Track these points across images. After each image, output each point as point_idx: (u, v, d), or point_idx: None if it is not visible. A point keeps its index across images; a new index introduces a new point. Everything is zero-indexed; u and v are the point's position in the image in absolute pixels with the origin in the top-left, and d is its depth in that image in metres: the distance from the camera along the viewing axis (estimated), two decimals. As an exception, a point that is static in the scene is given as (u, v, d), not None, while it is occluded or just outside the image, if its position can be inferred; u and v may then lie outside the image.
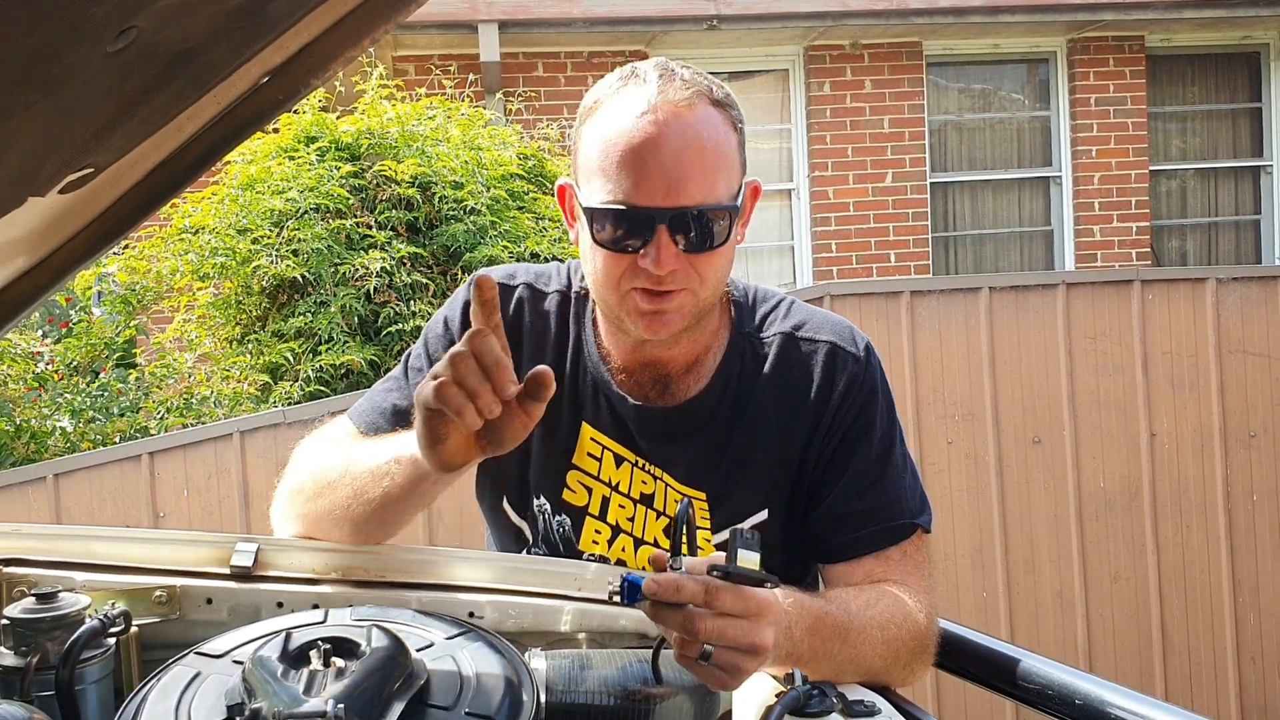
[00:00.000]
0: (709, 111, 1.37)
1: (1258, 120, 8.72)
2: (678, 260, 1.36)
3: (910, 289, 4.09)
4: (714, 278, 1.41)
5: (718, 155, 1.37)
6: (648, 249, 1.35)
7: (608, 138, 1.36)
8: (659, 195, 1.33)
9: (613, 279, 1.40)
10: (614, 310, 1.44)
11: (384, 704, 0.99)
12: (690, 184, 1.34)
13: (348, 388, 4.45)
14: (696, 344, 1.52)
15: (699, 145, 1.35)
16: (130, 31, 0.82)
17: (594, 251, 1.40)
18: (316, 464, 1.47)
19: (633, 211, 1.35)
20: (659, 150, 1.33)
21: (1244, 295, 4.23)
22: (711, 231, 1.36)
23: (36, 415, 4.72)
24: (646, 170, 1.33)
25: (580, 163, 1.42)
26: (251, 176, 4.83)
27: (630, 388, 1.53)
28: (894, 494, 1.49)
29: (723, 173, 1.37)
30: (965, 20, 7.91)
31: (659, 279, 1.36)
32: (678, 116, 1.34)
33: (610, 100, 1.39)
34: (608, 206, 1.36)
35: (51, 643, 1.18)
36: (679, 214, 1.34)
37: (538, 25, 7.50)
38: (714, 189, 1.36)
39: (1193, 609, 4.26)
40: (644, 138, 1.33)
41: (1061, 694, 1.40)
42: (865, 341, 1.55)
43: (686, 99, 1.35)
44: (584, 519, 1.56)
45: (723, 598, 1.08)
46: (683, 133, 1.34)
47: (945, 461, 4.07)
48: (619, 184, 1.35)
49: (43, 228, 1.13)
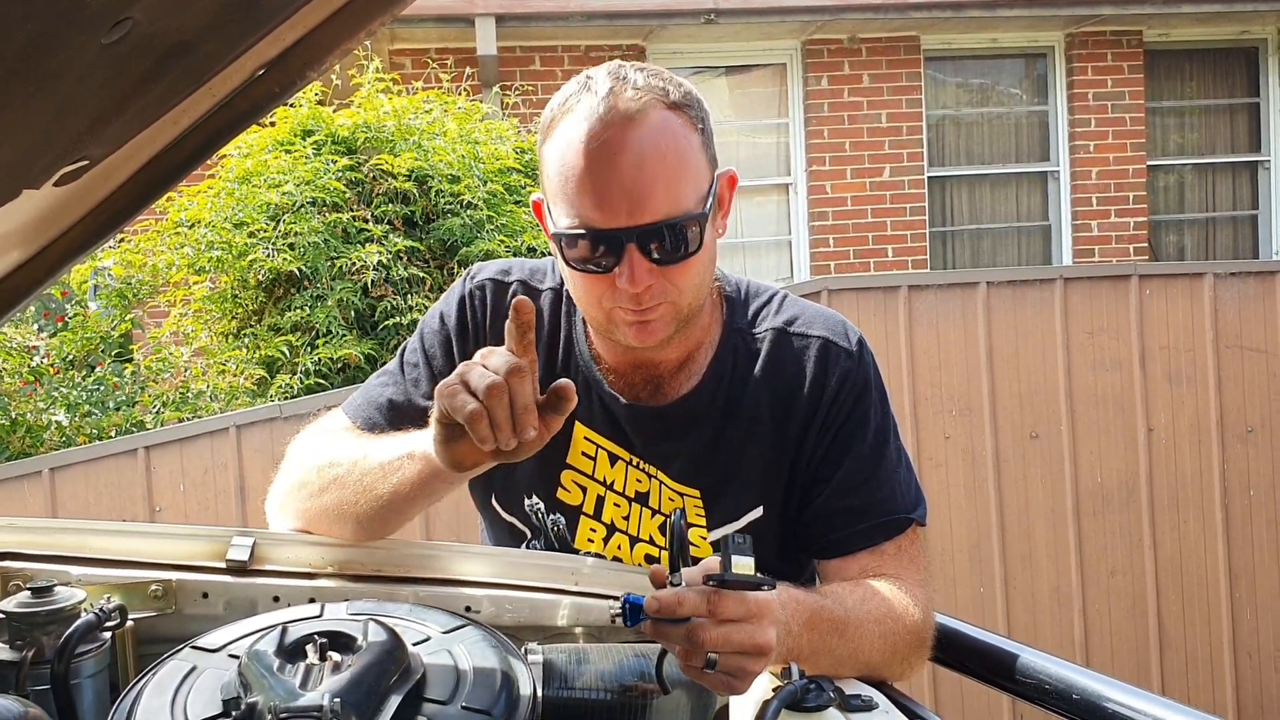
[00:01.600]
0: (665, 116, 1.31)
1: (1255, 115, 8.72)
2: (652, 275, 1.33)
3: (908, 284, 4.09)
4: (692, 284, 1.38)
5: (679, 162, 1.32)
6: (620, 268, 1.32)
7: (565, 160, 1.32)
8: (622, 215, 1.29)
9: (594, 299, 1.38)
10: (602, 325, 1.43)
11: (380, 698, 0.99)
12: (653, 199, 1.29)
13: (344, 382, 4.45)
14: (687, 342, 1.51)
15: (658, 156, 1.30)
16: (125, 23, 0.82)
17: (571, 274, 1.39)
18: (320, 459, 1.46)
19: (597, 234, 1.31)
20: (616, 168, 1.28)
21: (1241, 290, 4.23)
22: (684, 241, 1.32)
23: (32, 409, 4.71)
24: (606, 190, 1.29)
25: (544, 185, 1.39)
26: (248, 170, 4.83)
27: (622, 388, 1.52)
28: (888, 489, 1.49)
29: (687, 179, 1.33)
30: (963, 15, 7.90)
31: (638, 299, 1.34)
32: (631, 129, 1.29)
33: (564, 119, 1.34)
34: (572, 232, 1.32)
35: (47, 637, 1.18)
36: (645, 231, 1.30)
37: (535, 19, 7.48)
38: (679, 199, 1.31)
39: (1189, 603, 4.27)
40: (598, 157, 1.28)
41: (1059, 688, 1.40)
42: (858, 336, 1.54)
43: (639, 108, 1.30)
44: (579, 518, 1.55)
45: (724, 605, 1.08)
46: (638, 146, 1.29)
47: (943, 456, 4.08)
48: (580, 208, 1.31)
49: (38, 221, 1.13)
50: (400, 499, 1.34)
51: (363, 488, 1.36)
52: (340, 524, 1.41)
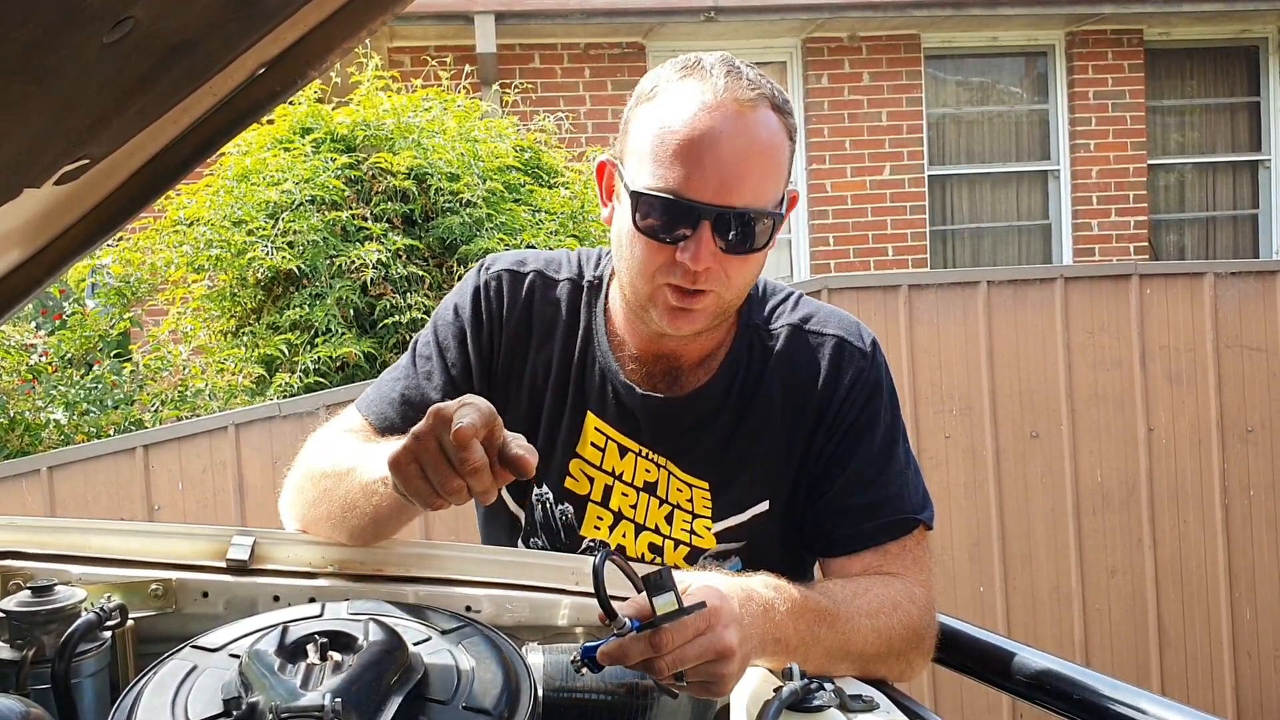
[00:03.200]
0: (770, 115, 1.36)
1: (1256, 114, 8.72)
2: (714, 259, 1.35)
3: (908, 283, 4.09)
4: (742, 282, 1.42)
5: (773, 160, 1.36)
6: (688, 244, 1.34)
7: (666, 125, 1.35)
8: (710, 191, 1.33)
9: (648, 270, 1.39)
10: (642, 300, 1.43)
11: (381, 698, 0.99)
12: (743, 185, 1.33)
13: (343, 380, 4.44)
14: (712, 340, 1.53)
15: (757, 148, 1.34)
16: (127, 22, 0.82)
17: (633, 237, 1.39)
18: (318, 466, 1.47)
19: (680, 203, 1.33)
20: (718, 146, 1.32)
21: (1242, 290, 4.23)
22: (754, 234, 1.36)
23: (30, 407, 4.71)
24: (702, 164, 1.32)
25: (631, 145, 1.41)
26: (247, 168, 4.82)
27: (639, 378, 1.53)
28: (896, 489, 1.50)
29: (775, 179, 1.37)
30: (964, 13, 7.89)
31: (693, 276, 1.36)
32: (740, 116, 1.33)
33: (670, 88, 1.37)
34: (656, 193, 1.35)
35: (48, 636, 1.18)
36: (725, 213, 1.33)
37: (534, 16, 7.48)
38: (764, 194, 1.36)
39: (1189, 603, 4.27)
40: (705, 131, 1.32)
41: (1058, 688, 1.40)
42: (871, 337, 1.56)
43: (751, 99, 1.35)
44: (586, 506, 1.56)
45: (666, 640, 1.09)
46: (744, 133, 1.33)
47: (943, 455, 4.07)
48: (671, 173, 1.34)
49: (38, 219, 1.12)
50: (382, 518, 1.36)
51: (347, 504, 1.38)
52: (335, 533, 1.44)
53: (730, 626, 1.14)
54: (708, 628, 1.12)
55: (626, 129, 1.44)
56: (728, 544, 1.53)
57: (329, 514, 1.41)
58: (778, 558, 1.51)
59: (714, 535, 1.53)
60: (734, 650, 1.13)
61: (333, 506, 1.40)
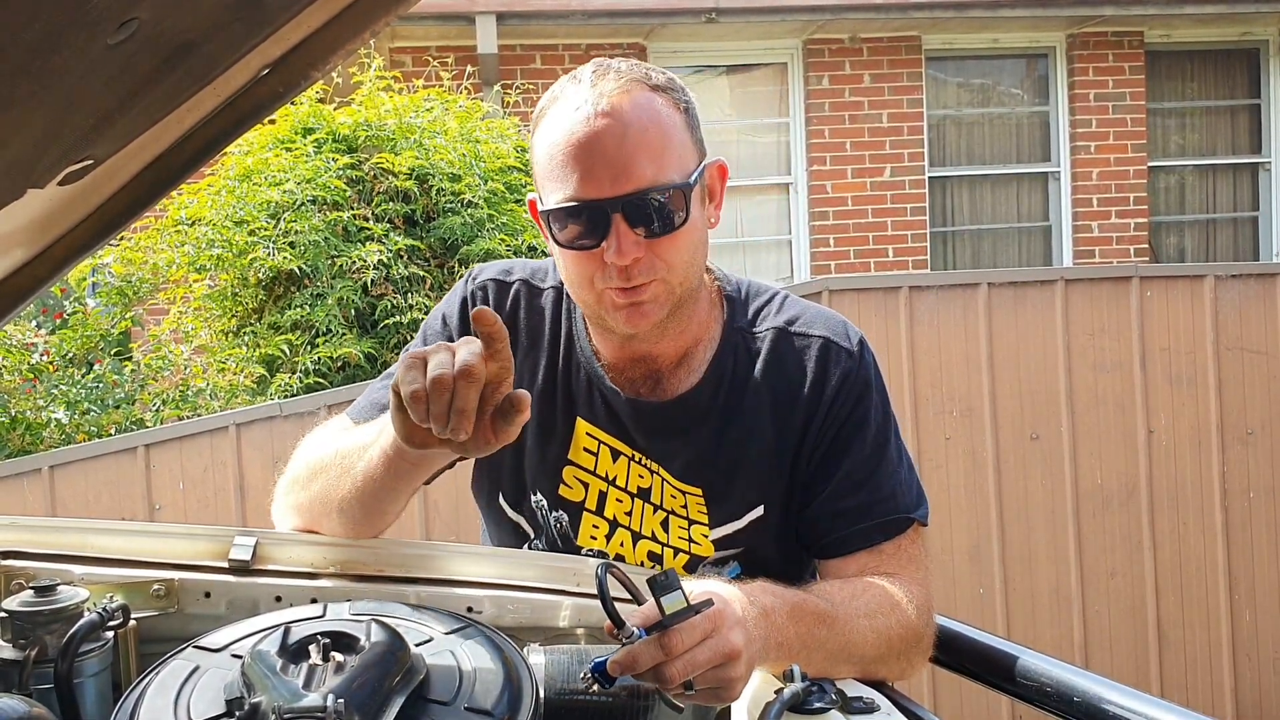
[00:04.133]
0: (647, 96, 1.38)
1: (1256, 116, 8.72)
2: (639, 248, 1.36)
3: (909, 284, 4.09)
4: (682, 262, 1.41)
5: (662, 136, 1.37)
6: (608, 241, 1.35)
7: (553, 141, 1.37)
8: (606, 185, 1.34)
9: (585, 280, 1.40)
10: (594, 310, 1.45)
11: (383, 699, 0.99)
12: (635, 168, 1.34)
13: (344, 380, 4.45)
14: (684, 335, 1.52)
15: (639, 129, 1.35)
16: (131, 23, 0.82)
17: (562, 256, 1.42)
18: (310, 454, 1.49)
19: (584, 206, 1.35)
20: (600, 141, 1.34)
21: (1242, 292, 4.23)
22: (668, 212, 1.36)
23: (31, 407, 4.71)
24: (591, 163, 1.34)
25: (535, 172, 1.44)
26: (248, 168, 4.82)
27: (622, 383, 1.53)
28: (889, 489, 1.50)
29: (670, 153, 1.37)
30: (965, 15, 7.89)
31: (626, 273, 1.36)
32: (614, 106, 1.35)
33: (552, 107, 1.40)
34: (561, 206, 1.37)
35: (50, 636, 1.18)
36: (629, 199, 1.34)
37: (536, 17, 7.48)
38: (662, 170, 1.36)
39: (1189, 606, 4.27)
40: (585, 133, 1.34)
41: (1058, 691, 1.40)
42: (859, 336, 1.55)
43: (620, 87, 1.36)
44: (581, 514, 1.55)
45: (675, 642, 1.09)
46: (621, 119, 1.34)
47: (943, 457, 4.07)
48: (567, 182, 1.36)
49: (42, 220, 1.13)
50: (374, 481, 1.35)
51: (341, 469, 1.38)
52: (326, 513, 1.43)
53: (736, 629, 1.14)
54: (714, 630, 1.12)
55: (531, 160, 1.46)
56: (726, 550, 1.53)
57: (324, 488, 1.41)
58: (776, 562, 1.51)
59: (712, 542, 1.52)
60: (741, 652, 1.13)
61: (328, 478, 1.40)
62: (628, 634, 1.09)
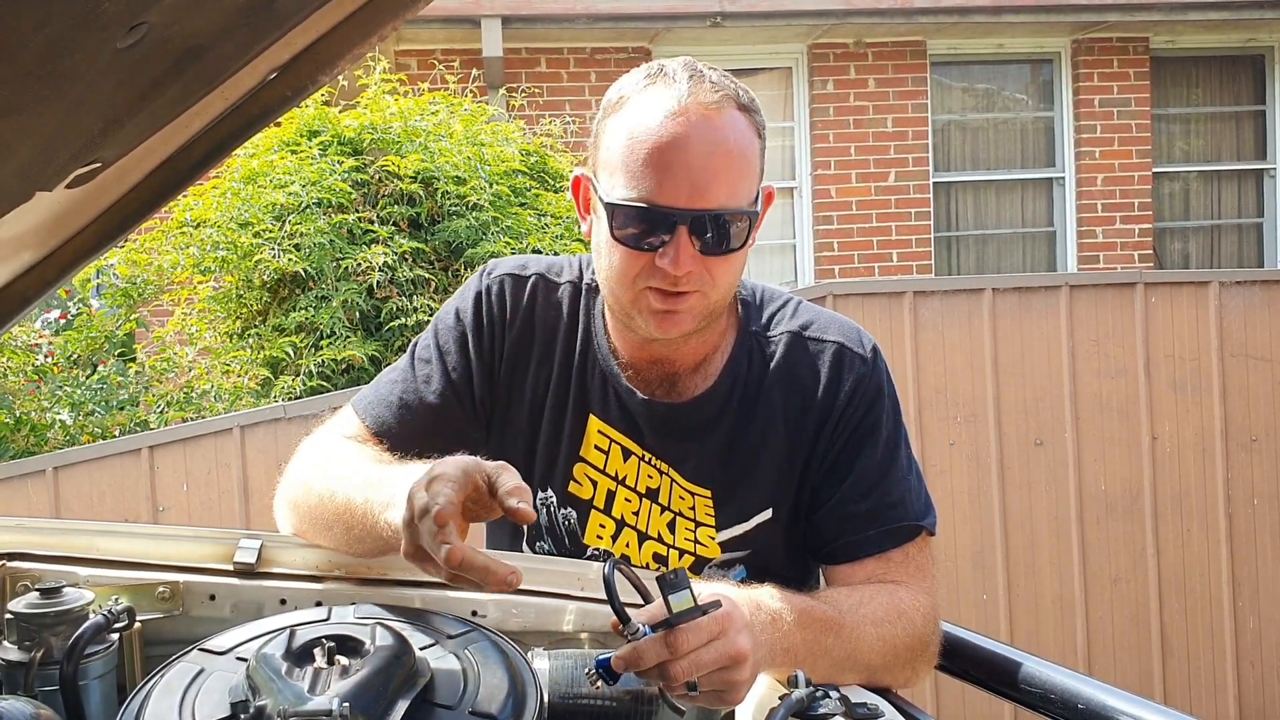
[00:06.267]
0: (736, 116, 1.38)
1: (1261, 123, 8.71)
2: (695, 262, 1.36)
3: (914, 289, 4.09)
4: (726, 281, 1.42)
5: (742, 160, 1.38)
6: (666, 249, 1.35)
7: (634, 134, 1.36)
8: (683, 196, 1.34)
9: (628, 277, 1.40)
10: (626, 308, 1.44)
11: (388, 702, 0.99)
12: (714, 187, 1.35)
13: (348, 383, 4.45)
14: (705, 344, 1.53)
15: (725, 149, 1.35)
16: (141, 27, 0.82)
17: (611, 247, 1.40)
18: (317, 485, 1.43)
19: (655, 211, 1.35)
20: (686, 152, 1.34)
21: (1247, 299, 4.22)
22: (730, 234, 1.37)
23: (36, 408, 4.72)
24: (672, 171, 1.34)
25: (602, 157, 1.42)
26: (253, 170, 4.83)
27: (638, 383, 1.54)
28: (898, 495, 1.50)
29: (746, 178, 1.39)
30: (969, 20, 7.90)
31: (675, 279, 1.36)
32: (706, 119, 1.35)
33: (637, 97, 1.39)
34: (630, 203, 1.36)
35: (55, 638, 1.18)
36: (700, 216, 1.34)
37: (541, 20, 7.49)
38: (737, 193, 1.37)
39: (1192, 612, 4.26)
40: (672, 138, 1.34)
41: (1062, 697, 1.40)
42: (872, 343, 1.55)
43: (716, 102, 1.36)
44: (589, 512, 1.56)
45: (682, 641, 1.09)
46: (710, 136, 1.34)
47: (947, 463, 4.07)
48: (643, 182, 1.35)
49: (50, 222, 1.13)
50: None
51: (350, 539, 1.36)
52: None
53: (743, 632, 1.15)
54: (721, 632, 1.12)
55: (597, 141, 1.45)
56: (732, 553, 1.53)
57: (330, 539, 1.40)
58: (782, 566, 1.51)
59: (718, 544, 1.52)
60: (748, 655, 1.14)
61: (334, 537, 1.38)
62: (633, 630, 1.10)
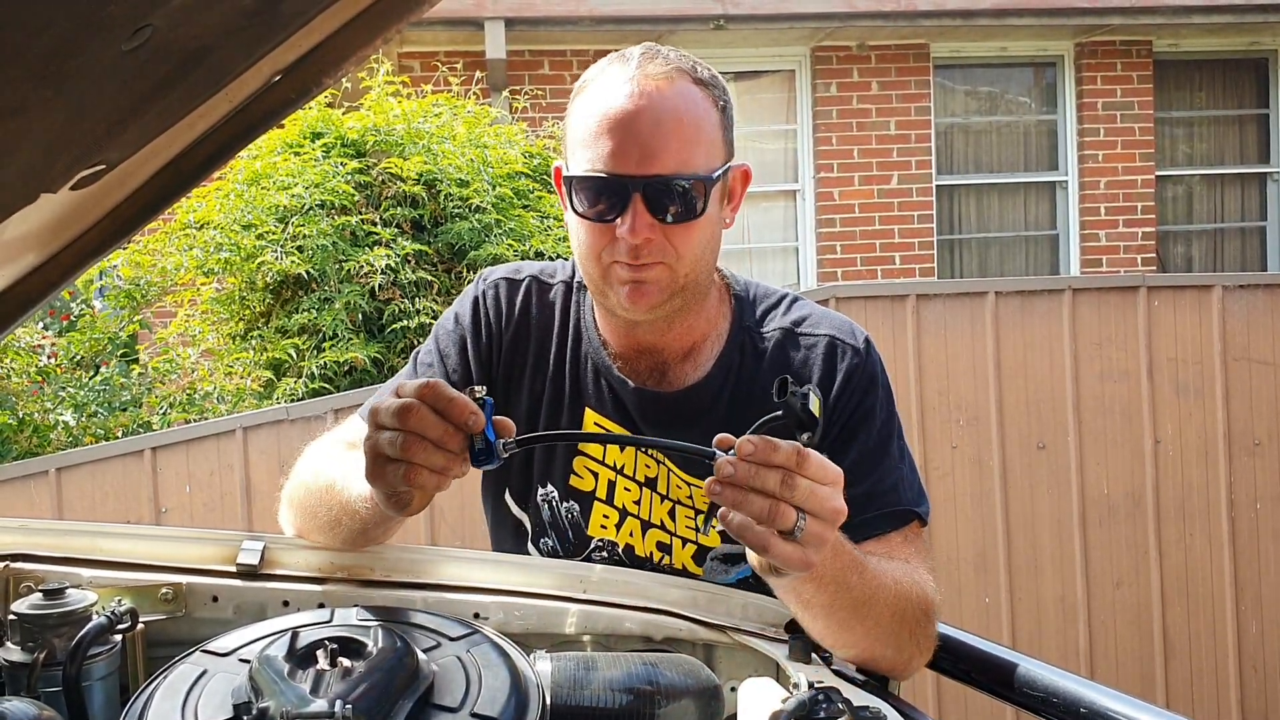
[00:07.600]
0: (688, 87, 1.42)
1: (1265, 126, 8.71)
2: (653, 230, 1.39)
3: (916, 292, 4.09)
4: (691, 253, 1.43)
5: (695, 128, 1.41)
6: (623, 218, 1.38)
7: (590, 111, 1.41)
8: (633, 163, 1.38)
9: (594, 251, 1.43)
10: (599, 284, 1.47)
11: (390, 704, 0.99)
12: (665, 153, 1.38)
13: (351, 385, 4.45)
14: (690, 330, 1.54)
15: (675, 116, 1.39)
16: (146, 30, 0.82)
17: (577, 225, 1.45)
18: (309, 478, 1.49)
19: (608, 179, 1.39)
20: (636, 120, 1.38)
21: (1250, 302, 4.22)
22: (688, 202, 1.40)
23: (39, 409, 4.72)
24: (623, 139, 1.38)
25: (566, 139, 1.48)
26: (257, 172, 4.83)
27: (629, 373, 1.56)
28: (892, 482, 1.51)
29: (700, 146, 1.41)
30: (973, 23, 7.90)
31: (635, 250, 1.39)
32: (656, 89, 1.39)
33: (596, 79, 1.44)
34: (585, 174, 1.41)
35: (58, 639, 1.18)
36: (652, 182, 1.38)
37: (544, 23, 7.50)
38: (689, 160, 1.39)
39: (1195, 616, 4.25)
40: (622, 108, 1.38)
41: (1064, 701, 1.40)
42: (865, 336, 1.57)
43: (665, 73, 1.40)
44: (592, 503, 1.58)
45: (811, 462, 1.10)
46: (660, 104, 1.38)
47: (949, 466, 4.07)
48: (597, 153, 1.39)
49: (54, 224, 1.13)
50: (371, 530, 1.39)
51: (333, 520, 1.39)
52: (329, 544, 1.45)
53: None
54: (836, 481, 1.13)
55: (565, 127, 1.50)
56: (731, 543, 1.54)
57: (319, 528, 1.44)
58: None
59: (718, 533, 1.53)
60: (844, 516, 1.13)
61: (320, 521, 1.42)
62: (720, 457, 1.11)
